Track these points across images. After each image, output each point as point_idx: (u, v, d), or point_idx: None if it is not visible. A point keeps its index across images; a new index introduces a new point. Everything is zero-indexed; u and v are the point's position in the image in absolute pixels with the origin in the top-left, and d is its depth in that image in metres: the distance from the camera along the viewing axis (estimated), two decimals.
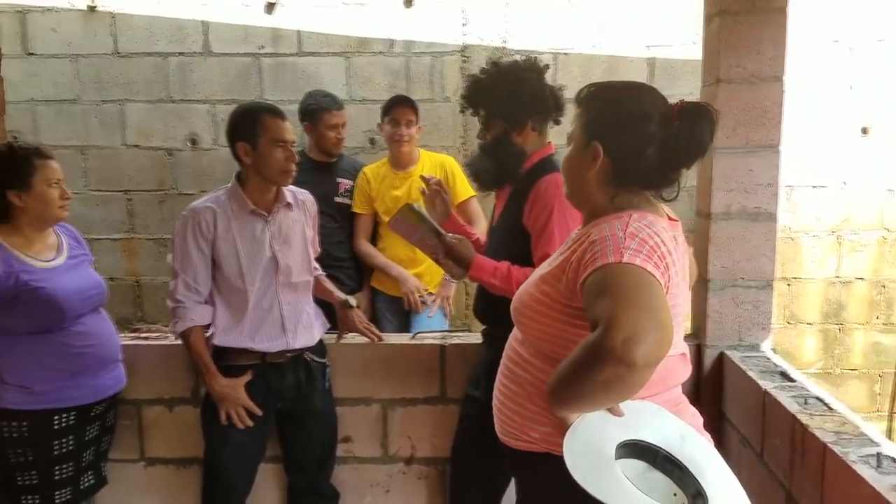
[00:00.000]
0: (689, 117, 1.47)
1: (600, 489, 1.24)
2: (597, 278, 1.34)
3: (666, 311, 1.30)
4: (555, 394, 1.36)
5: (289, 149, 2.33)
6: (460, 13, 4.24)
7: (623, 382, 1.25)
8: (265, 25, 4.27)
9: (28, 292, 2.14)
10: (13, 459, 2.20)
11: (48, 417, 2.21)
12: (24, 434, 2.19)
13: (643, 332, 1.23)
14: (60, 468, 2.25)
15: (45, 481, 2.23)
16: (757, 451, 2.16)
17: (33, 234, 2.23)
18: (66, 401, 2.23)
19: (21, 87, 4.22)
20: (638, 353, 1.22)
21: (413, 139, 3.47)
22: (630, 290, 1.29)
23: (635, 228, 1.40)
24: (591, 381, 1.27)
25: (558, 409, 1.39)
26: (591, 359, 1.26)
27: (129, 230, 4.50)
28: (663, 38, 4.26)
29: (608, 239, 1.38)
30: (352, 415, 2.67)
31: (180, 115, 4.38)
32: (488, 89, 2.27)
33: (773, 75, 2.41)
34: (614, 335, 1.23)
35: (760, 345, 2.50)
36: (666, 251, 1.40)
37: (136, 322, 4.45)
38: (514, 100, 2.22)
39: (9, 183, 2.16)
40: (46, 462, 2.23)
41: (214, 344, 2.35)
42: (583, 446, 1.33)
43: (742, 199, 2.47)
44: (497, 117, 2.27)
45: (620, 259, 1.33)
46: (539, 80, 2.27)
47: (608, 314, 1.26)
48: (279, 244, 2.38)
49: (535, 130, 2.27)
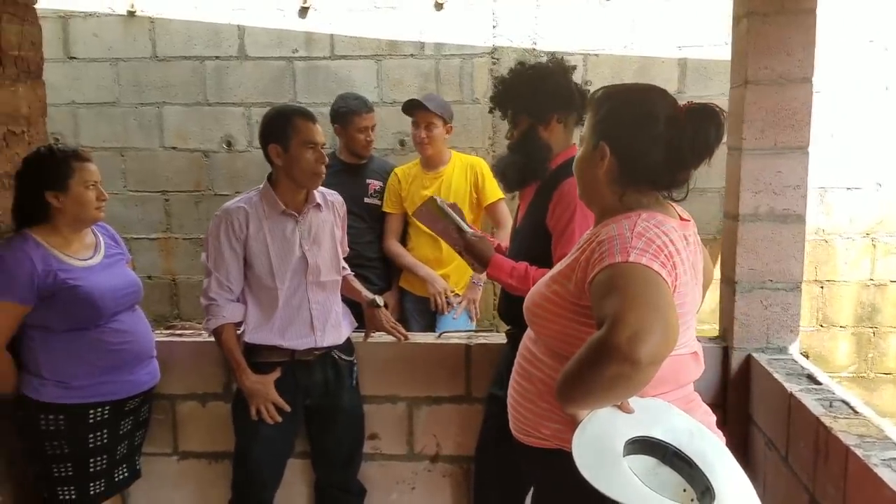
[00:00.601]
0: (695, 118, 1.49)
1: (608, 485, 1.26)
2: (604, 277, 1.37)
3: (672, 309, 1.32)
4: (562, 391, 1.39)
5: (319, 151, 2.37)
6: (490, 15, 4.27)
7: (628, 380, 1.28)
8: (299, 29, 4.34)
9: (66, 290, 2.19)
10: (50, 452, 2.25)
11: (84, 411, 2.26)
12: (60, 427, 2.24)
13: (648, 330, 1.25)
14: (95, 461, 2.31)
15: (80, 473, 2.29)
16: (782, 454, 2.15)
17: (71, 234, 2.28)
18: (101, 395, 2.28)
19: (63, 91, 4.35)
20: (643, 350, 1.24)
21: (435, 141, 3.48)
22: (636, 288, 1.32)
23: (643, 228, 1.42)
24: (597, 378, 1.29)
25: (566, 406, 1.42)
26: (596, 356, 1.29)
27: (166, 230, 4.61)
28: (695, 39, 4.24)
29: (616, 238, 1.40)
30: (378, 412, 2.72)
31: (216, 118, 4.47)
32: (513, 87, 2.31)
33: (802, 76, 2.39)
34: (619, 333, 1.25)
35: (788, 347, 2.48)
36: (674, 250, 1.41)
37: (172, 319, 4.56)
38: (538, 94, 2.25)
39: (47, 184, 2.21)
40: (81, 455, 2.28)
41: (245, 341, 2.41)
42: (591, 442, 1.35)
43: (770, 200, 2.45)
44: (522, 113, 2.29)
45: (627, 258, 1.35)
46: (564, 75, 2.30)
47: (614, 312, 1.28)
48: (309, 244, 2.43)
49: (560, 123, 2.28)
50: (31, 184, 2.23)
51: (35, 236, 2.22)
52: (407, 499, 2.79)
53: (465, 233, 2.30)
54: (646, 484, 1.29)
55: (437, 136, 3.48)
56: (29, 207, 2.25)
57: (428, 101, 3.49)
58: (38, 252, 2.18)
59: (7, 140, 2.41)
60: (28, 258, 2.16)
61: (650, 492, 1.26)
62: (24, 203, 2.26)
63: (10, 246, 2.21)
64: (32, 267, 2.15)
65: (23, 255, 2.16)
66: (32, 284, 2.15)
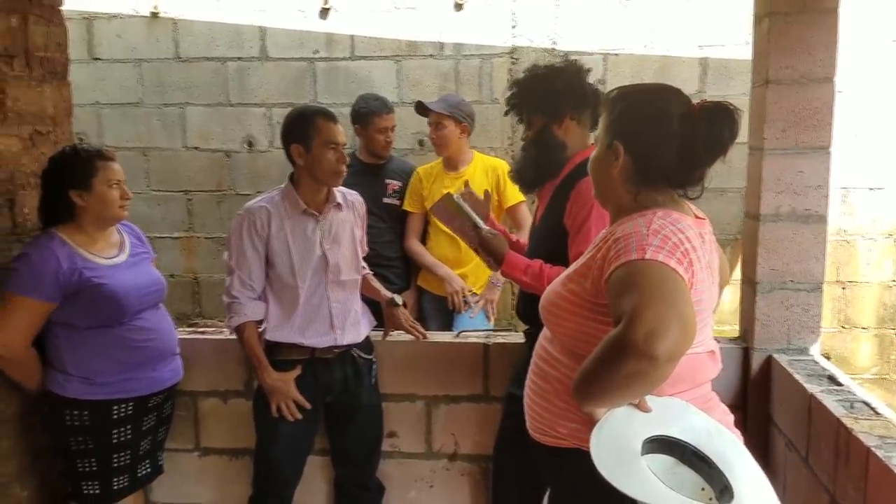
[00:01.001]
0: (709, 116, 1.50)
1: (625, 483, 1.27)
2: (620, 274, 1.37)
3: (689, 306, 1.32)
4: (579, 389, 1.39)
5: (340, 150, 2.40)
6: (510, 15, 4.28)
7: (645, 376, 1.28)
8: (319, 30, 4.38)
9: (90, 288, 2.21)
10: (74, 447, 2.28)
11: (108, 407, 2.29)
12: (85, 423, 2.27)
13: (665, 327, 1.25)
14: (118, 456, 2.34)
15: (104, 468, 2.32)
16: (802, 455, 2.14)
17: (96, 233, 2.31)
18: (125, 392, 2.31)
19: (87, 91, 4.42)
20: (660, 347, 1.24)
21: (446, 140, 3.49)
22: (653, 285, 1.32)
23: (659, 226, 1.42)
24: (614, 375, 1.30)
25: (584, 405, 1.42)
26: (613, 353, 1.29)
27: (188, 229, 4.67)
28: (716, 38, 4.22)
29: (632, 236, 1.41)
30: (397, 410, 2.73)
31: (238, 118, 4.52)
32: (526, 88, 2.32)
33: (823, 76, 2.37)
34: (637, 329, 1.25)
35: (809, 348, 2.47)
36: (690, 248, 1.42)
37: (194, 317, 4.61)
38: (550, 92, 2.25)
39: (72, 183, 2.23)
40: (105, 450, 2.31)
41: (267, 339, 2.44)
42: (609, 441, 1.35)
43: (792, 200, 2.44)
44: (536, 112, 2.30)
45: (643, 255, 1.36)
46: (577, 74, 2.30)
47: (631, 309, 1.28)
48: (329, 243, 2.45)
49: (573, 121, 2.28)
50: (55, 183, 2.26)
51: (61, 235, 2.24)
52: (425, 497, 2.81)
53: (481, 229, 2.31)
54: (664, 483, 1.29)
55: (448, 135, 3.48)
56: (54, 206, 2.27)
57: (436, 102, 3.51)
58: (63, 250, 2.21)
59: (34, 140, 2.45)
60: (54, 256, 2.18)
61: (668, 490, 1.27)
62: (50, 202, 2.28)
63: (36, 244, 2.23)
64: (58, 265, 2.18)
65: (48, 252, 2.19)
66: (57, 282, 2.18)
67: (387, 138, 3.61)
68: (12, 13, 2.34)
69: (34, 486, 2.46)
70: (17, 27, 2.36)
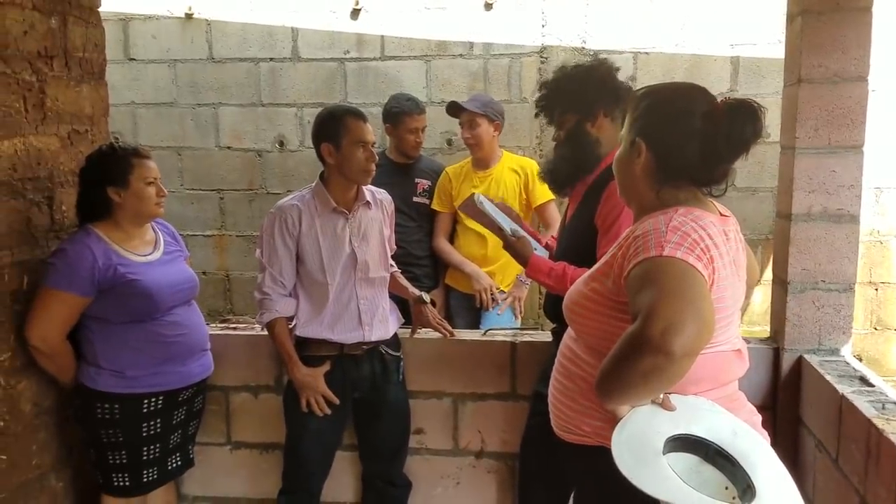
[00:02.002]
0: (732, 113, 1.50)
1: (646, 481, 1.27)
2: (639, 271, 1.38)
3: (707, 302, 1.32)
4: (600, 386, 1.40)
5: (370, 149, 2.42)
6: (539, 14, 4.27)
7: (662, 372, 1.28)
8: (350, 31, 4.42)
9: (125, 284, 2.25)
10: (105, 439, 2.32)
11: (139, 401, 2.33)
12: (115, 416, 2.31)
13: (682, 323, 1.26)
14: (148, 449, 2.37)
15: (134, 461, 2.35)
16: (832, 456, 2.11)
17: (132, 230, 2.35)
18: (155, 386, 2.34)
19: (123, 91, 4.49)
20: (676, 343, 1.25)
21: (481, 139, 3.51)
22: (670, 281, 1.33)
23: (679, 222, 1.43)
24: (632, 371, 1.31)
25: (606, 402, 1.43)
26: (630, 350, 1.30)
27: (220, 227, 4.73)
28: (748, 37, 4.18)
29: (651, 233, 1.42)
30: (424, 407, 2.75)
31: (270, 118, 4.57)
32: (558, 87, 2.30)
33: (857, 75, 2.35)
34: (653, 325, 1.26)
35: (840, 349, 2.44)
36: (711, 244, 1.42)
37: (225, 314, 4.67)
38: (583, 90, 2.24)
39: (109, 180, 2.27)
40: (135, 443, 2.34)
41: (296, 335, 2.47)
42: (631, 440, 1.35)
43: (824, 200, 2.42)
44: (569, 111, 2.27)
45: (661, 252, 1.36)
46: (608, 71, 2.28)
47: (648, 305, 1.29)
48: (358, 241, 2.48)
49: (607, 118, 2.25)
50: (93, 180, 2.30)
51: (97, 231, 2.29)
52: (452, 493, 2.82)
53: (505, 231, 2.32)
54: (686, 482, 1.29)
55: (482, 134, 3.50)
56: (91, 203, 2.32)
57: (468, 101, 3.53)
58: (99, 246, 2.25)
59: (72, 139, 2.51)
60: (90, 252, 2.23)
61: (689, 488, 1.27)
62: (87, 198, 2.33)
63: (72, 240, 2.28)
64: (94, 260, 2.22)
65: (84, 248, 2.23)
66: (93, 277, 2.22)
67: (417, 138, 3.63)
68: (52, 14, 2.39)
69: (68, 477, 2.53)
70: (56, 28, 2.42)
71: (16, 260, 2.26)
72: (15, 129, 2.26)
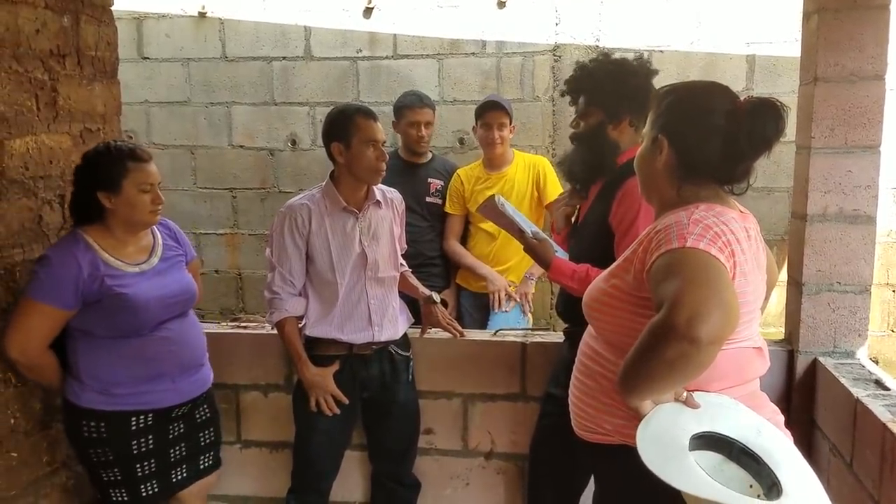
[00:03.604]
0: (754, 112, 1.50)
1: (672, 475, 1.26)
2: (661, 263, 1.38)
3: (731, 291, 1.32)
4: (624, 380, 1.39)
5: (380, 148, 2.41)
6: (553, 12, 4.25)
7: (688, 360, 1.28)
8: (362, 29, 4.41)
9: (111, 297, 2.09)
10: (94, 458, 2.19)
11: (126, 419, 2.17)
12: (102, 434, 2.16)
13: (707, 311, 1.26)
14: (142, 465, 2.22)
15: (129, 478, 2.21)
16: (847, 461, 2.09)
17: (125, 236, 2.18)
18: (143, 404, 2.19)
19: (136, 90, 4.51)
20: (702, 330, 1.24)
21: (506, 141, 3.51)
22: (693, 271, 1.33)
23: (700, 216, 1.44)
24: (658, 361, 1.30)
25: (629, 398, 1.42)
26: (656, 339, 1.30)
27: (232, 226, 4.74)
28: (764, 35, 4.14)
29: (672, 226, 1.42)
30: (434, 408, 2.74)
31: (282, 117, 4.58)
32: (593, 76, 2.25)
33: (874, 74, 2.32)
34: (679, 314, 1.26)
35: (856, 352, 2.41)
36: (733, 239, 1.42)
37: (237, 312, 4.68)
38: (617, 91, 2.20)
39: (100, 184, 2.11)
40: (127, 460, 2.20)
41: (306, 334, 2.47)
42: (656, 436, 1.35)
43: (840, 200, 2.39)
44: (597, 106, 2.24)
45: (684, 243, 1.37)
46: (646, 79, 2.24)
47: (672, 295, 1.29)
48: (368, 240, 2.47)
49: (632, 126, 2.23)
50: (84, 182, 2.15)
51: (87, 237, 2.13)
52: (461, 494, 2.81)
53: (525, 234, 2.29)
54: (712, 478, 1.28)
55: (507, 135, 3.51)
56: (83, 206, 2.16)
57: (502, 102, 3.51)
58: (86, 255, 2.09)
59: (84, 137, 2.51)
60: (75, 262, 2.07)
61: (713, 481, 1.25)
62: (79, 201, 2.18)
63: (59, 247, 2.14)
64: (78, 271, 2.06)
65: (69, 257, 2.07)
66: (77, 290, 2.07)
67: (419, 133, 3.59)
68: (65, 13, 2.40)
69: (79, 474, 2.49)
70: (69, 27, 2.42)
71: (28, 258, 2.26)
72: (27, 128, 2.26)
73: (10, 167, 2.19)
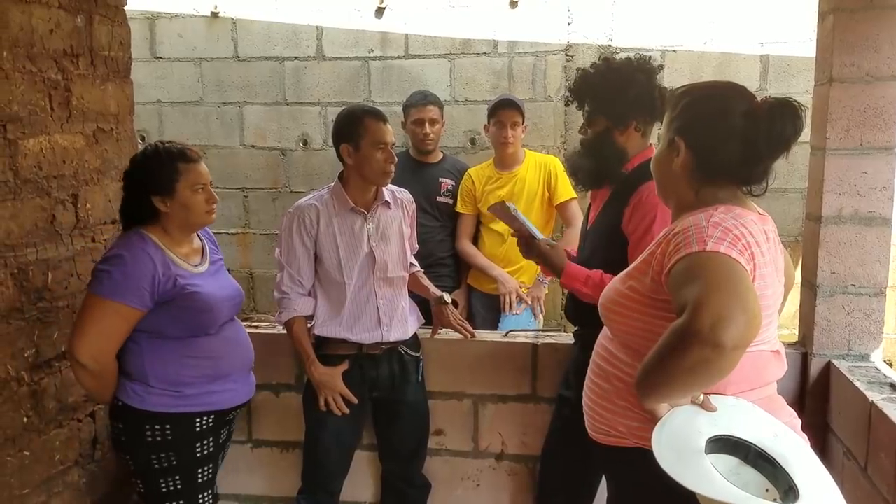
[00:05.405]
0: (772, 112, 1.49)
1: (688, 478, 1.25)
2: (682, 266, 1.37)
3: (753, 295, 1.31)
4: (642, 383, 1.38)
5: (389, 150, 2.41)
6: (566, 12, 4.23)
7: (710, 365, 1.27)
8: (374, 29, 4.41)
9: (185, 296, 2.07)
10: (157, 465, 2.12)
11: (191, 420, 2.14)
12: (167, 437, 2.11)
13: (731, 316, 1.24)
14: (202, 470, 2.19)
15: (189, 486, 2.17)
16: (861, 465, 2.07)
17: (181, 237, 2.16)
18: (210, 405, 2.17)
19: (149, 89, 4.53)
20: (726, 335, 1.23)
21: (518, 140, 3.50)
22: (716, 275, 1.31)
23: (719, 219, 1.42)
24: (679, 365, 1.29)
25: (647, 400, 1.41)
26: (678, 343, 1.28)
27: (244, 225, 4.75)
28: (778, 35, 4.10)
29: (692, 229, 1.41)
30: (444, 408, 2.74)
31: (294, 117, 4.58)
32: (595, 84, 2.23)
33: (890, 74, 2.29)
34: (702, 318, 1.25)
35: (871, 355, 2.39)
36: (753, 241, 1.41)
37: (249, 312, 4.70)
38: (620, 98, 2.17)
39: (153, 188, 2.08)
40: (190, 465, 2.16)
41: (315, 334, 2.47)
42: (671, 439, 1.34)
43: (855, 202, 2.36)
44: (600, 114, 2.22)
45: (705, 247, 1.35)
46: (649, 81, 2.21)
47: (695, 299, 1.28)
48: (377, 240, 2.47)
49: (638, 131, 2.22)
50: (137, 186, 2.12)
51: (152, 236, 2.10)
52: (471, 495, 2.80)
53: (538, 241, 2.28)
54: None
55: (520, 134, 3.50)
56: (138, 209, 2.13)
57: (516, 101, 3.51)
58: (158, 254, 2.06)
59: (97, 137, 2.53)
60: (150, 260, 2.03)
61: (729, 484, 1.24)
62: (133, 205, 2.14)
63: (130, 244, 2.07)
64: (154, 269, 2.03)
65: (145, 256, 2.03)
66: (153, 288, 2.02)
67: (423, 130, 3.59)
68: (78, 13, 2.41)
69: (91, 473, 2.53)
70: (82, 27, 2.43)
71: (40, 257, 2.27)
72: (40, 128, 2.27)
73: (24, 167, 2.20)
